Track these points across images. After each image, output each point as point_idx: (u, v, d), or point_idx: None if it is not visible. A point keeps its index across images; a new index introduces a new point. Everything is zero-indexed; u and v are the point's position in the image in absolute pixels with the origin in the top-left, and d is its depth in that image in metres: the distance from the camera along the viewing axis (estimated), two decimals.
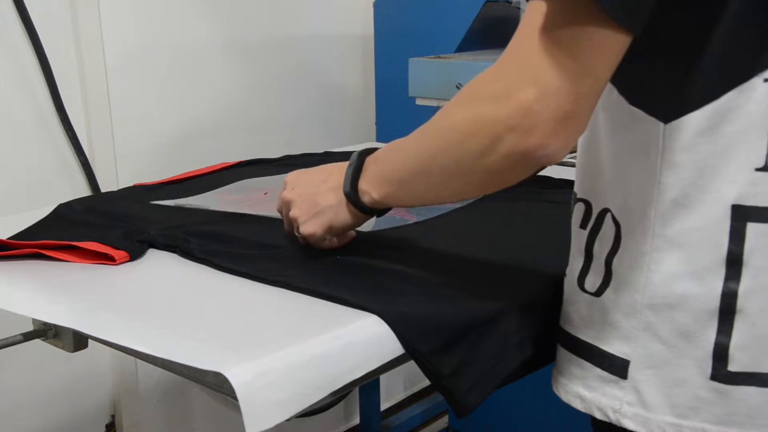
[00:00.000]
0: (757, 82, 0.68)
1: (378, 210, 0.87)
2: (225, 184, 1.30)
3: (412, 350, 0.75)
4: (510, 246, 1.00)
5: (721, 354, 0.72)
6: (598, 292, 0.78)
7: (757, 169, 0.69)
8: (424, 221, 1.08)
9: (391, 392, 2.39)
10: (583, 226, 0.80)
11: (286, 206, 0.93)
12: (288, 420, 0.67)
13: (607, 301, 0.77)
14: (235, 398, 0.63)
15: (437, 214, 1.10)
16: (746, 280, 0.70)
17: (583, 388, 0.80)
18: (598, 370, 0.78)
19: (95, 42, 1.60)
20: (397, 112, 2.01)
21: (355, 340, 0.74)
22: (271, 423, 0.65)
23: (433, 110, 1.83)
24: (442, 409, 2.31)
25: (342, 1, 2.11)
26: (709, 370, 0.72)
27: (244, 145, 1.90)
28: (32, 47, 1.52)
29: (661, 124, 0.71)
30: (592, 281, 0.79)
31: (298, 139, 1.97)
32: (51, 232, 1.05)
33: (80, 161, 1.61)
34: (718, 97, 0.69)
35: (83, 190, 1.62)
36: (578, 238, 0.81)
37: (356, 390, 2.06)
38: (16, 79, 1.52)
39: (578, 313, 0.81)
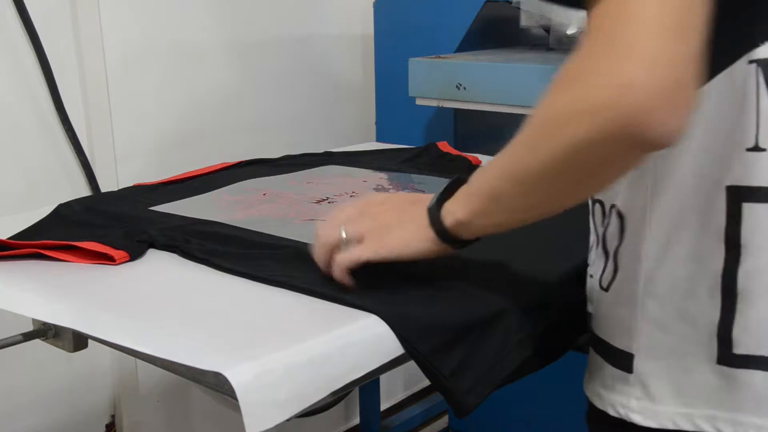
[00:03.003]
0: (740, 64, 0.68)
1: (457, 238, 0.76)
2: (225, 185, 1.30)
3: (412, 350, 0.75)
4: (510, 245, 0.99)
5: (725, 337, 0.71)
6: (608, 287, 0.78)
7: (748, 149, 0.69)
8: None
9: (391, 392, 2.38)
10: (602, 224, 0.80)
11: (349, 220, 0.81)
12: (288, 420, 0.67)
13: (612, 295, 0.78)
14: (235, 398, 0.63)
15: None
16: (746, 261, 0.70)
17: (600, 387, 0.80)
18: (610, 367, 0.78)
19: (95, 42, 1.60)
20: (397, 112, 2.01)
21: (355, 340, 0.74)
22: (271, 423, 0.65)
23: (433, 110, 1.82)
24: (442, 409, 2.31)
25: (342, 1, 2.11)
26: (715, 354, 0.72)
27: (244, 145, 1.90)
28: (32, 47, 1.52)
29: None
30: (606, 277, 0.79)
31: (298, 139, 1.96)
32: (51, 232, 1.05)
33: (80, 161, 1.61)
34: (704, 83, 0.67)
35: (83, 190, 1.62)
36: (600, 237, 0.81)
37: (356, 390, 2.05)
38: (16, 79, 1.52)
39: (597, 310, 0.81)
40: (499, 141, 0.75)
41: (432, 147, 1.52)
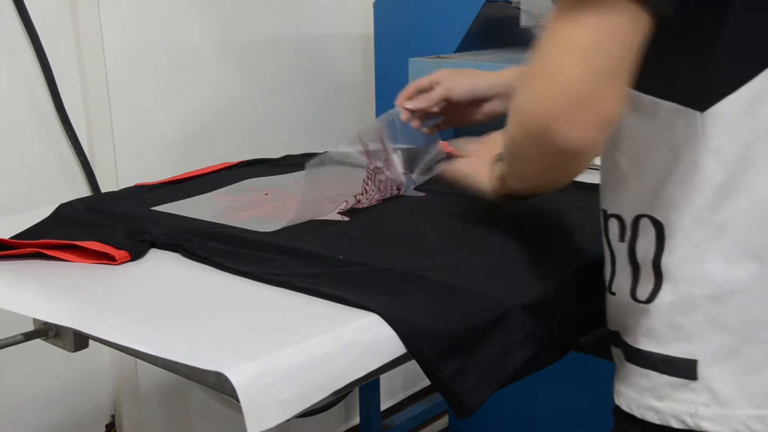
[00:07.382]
0: None
1: (502, 191, 0.92)
2: (226, 185, 1.30)
3: (414, 350, 0.75)
4: (512, 245, 1.00)
5: None
6: (650, 299, 0.76)
7: None
8: (427, 223, 1.08)
9: (391, 392, 2.38)
10: (621, 239, 0.78)
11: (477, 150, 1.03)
12: (288, 420, 0.67)
13: (661, 305, 0.75)
14: (236, 398, 0.63)
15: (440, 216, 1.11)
16: None
17: (654, 399, 0.76)
18: (665, 377, 0.75)
19: (95, 42, 1.60)
20: None
21: (356, 340, 0.74)
22: (273, 423, 0.65)
23: None
24: (442, 409, 2.31)
25: (342, 1, 2.11)
26: None
27: (244, 145, 1.89)
28: (32, 47, 1.52)
29: (698, 113, 0.70)
30: (643, 289, 0.77)
31: (298, 139, 1.96)
32: (52, 232, 1.05)
33: (80, 161, 1.61)
34: (752, 77, 0.68)
35: (83, 190, 1.62)
36: (620, 251, 0.79)
37: (356, 390, 2.06)
38: (16, 79, 1.52)
39: (636, 324, 0.78)
40: None
41: None
